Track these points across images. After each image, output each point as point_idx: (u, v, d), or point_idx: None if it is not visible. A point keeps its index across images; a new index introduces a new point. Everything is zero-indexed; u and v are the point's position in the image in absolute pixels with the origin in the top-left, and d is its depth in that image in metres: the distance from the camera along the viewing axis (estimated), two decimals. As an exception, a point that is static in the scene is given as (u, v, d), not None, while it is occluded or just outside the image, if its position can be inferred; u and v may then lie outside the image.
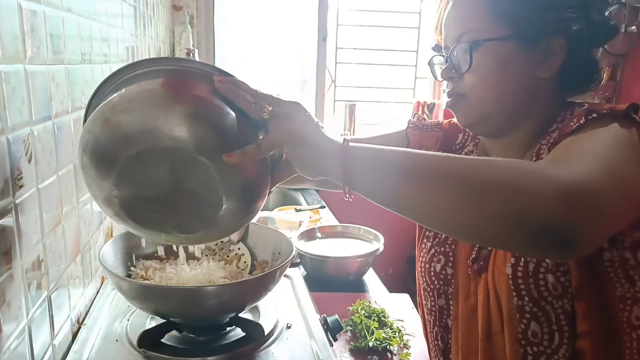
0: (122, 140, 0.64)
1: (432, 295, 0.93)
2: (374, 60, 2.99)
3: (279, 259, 1.03)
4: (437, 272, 0.91)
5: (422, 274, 0.95)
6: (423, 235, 0.98)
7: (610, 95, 2.09)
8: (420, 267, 0.97)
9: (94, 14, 1.10)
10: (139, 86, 0.68)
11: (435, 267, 0.92)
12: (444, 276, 0.90)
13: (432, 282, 0.92)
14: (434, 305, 0.93)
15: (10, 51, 0.68)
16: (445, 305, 0.91)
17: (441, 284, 0.91)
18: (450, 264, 0.90)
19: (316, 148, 0.64)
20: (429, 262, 0.93)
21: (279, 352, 0.88)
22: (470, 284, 0.86)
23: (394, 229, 2.97)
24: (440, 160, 0.61)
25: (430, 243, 0.94)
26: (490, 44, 0.78)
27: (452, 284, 0.89)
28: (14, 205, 0.68)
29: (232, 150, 0.64)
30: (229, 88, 0.67)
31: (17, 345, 0.69)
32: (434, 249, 0.93)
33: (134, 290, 0.85)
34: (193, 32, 2.53)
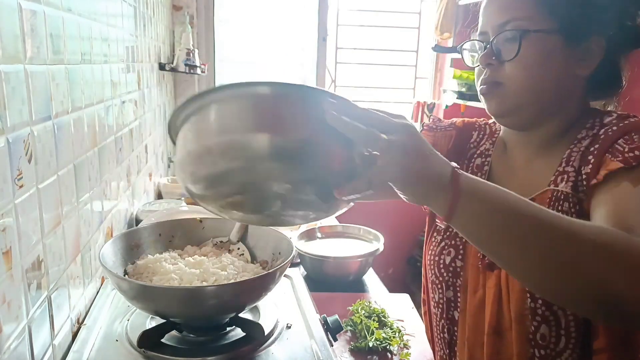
0: (232, 174, 0.64)
1: (441, 288, 0.93)
2: (374, 60, 2.99)
3: (279, 259, 1.03)
4: (447, 264, 0.91)
5: (431, 267, 0.95)
6: (433, 229, 0.97)
7: (610, 95, 2.09)
8: (429, 260, 0.96)
9: (94, 14, 1.10)
10: (241, 114, 0.64)
11: (445, 259, 0.92)
12: (453, 268, 0.90)
13: (441, 274, 0.92)
14: (442, 297, 0.93)
15: (10, 51, 0.68)
16: (453, 297, 0.91)
17: (450, 276, 0.91)
18: (460, 256, 0.90)
19: (426, 183, 0.62)
20: (439, 255, 0.93)
21: (279, 352, 0.88)
22: (480, 277, 0.86)
23: (394, 229, 2.98)
24: (544, 218, 0.60)
25: (441, 236, 0.94)
26: (537, 35, 0.77)
27: (461, 277, 0.89)
28: (14, 205, 0.68)
29: (340, 182, 0.64)
30: (341, 121, 0.63)
31: (17, 345, 0.69)
32: (445, 242, 0.93)
33: (134, 290, 0.85)
34: (193, 32, 2.53)
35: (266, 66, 2.88)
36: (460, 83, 2.68)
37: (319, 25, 2.84)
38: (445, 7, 2.67)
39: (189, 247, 1.09)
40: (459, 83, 2.68)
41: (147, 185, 1.84)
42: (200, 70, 2.40)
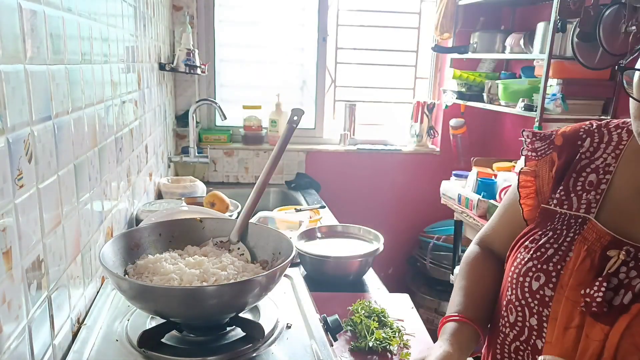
0: None
1: (521, 312, 0.83)
2: (374, 60, 2.99)
3: (279, 259, 1.03)
4: (533, 290, 0.81)
5: (512, 284, 0.85)
6: (521, 243, 0.87)
7: (610, 96, 2.09)
8: (510, 275, 0.86)
9: (94, 14, 1.10)
10: None
11: (531, 283, 0.81)
12: (541, 297, 0.80)
13: (525, 298, 0.82)
14: (522, 322, 0.84)
15: (10, 51, 0.68)
16: (537, 326, 0.81)
17: (536, 303, 0.81)
18: (551, 285, 0.79)
19: None
20: (523, 276, 0.83)
21: (279, 352, 0.88)
22: (576, 317, 0.76)
23: (394, 229, 2.98)
24: None
25: (529, 256, 0.83)
26: None
27: (549, 307, 0.79)
28: (14, 205, 0.68)
29: None
30: None
31: (17, 345, 0.69)
32: (532, 263, 0.82)
33: (134, 290, 0.85)
34: (193, 32, 2.53)
35: (266, 66, 2.88)
36: (460, 83, 2.68)
37: (319, 25, 2.84)
38: (445, 7, 2.67)
39: (189, 247, 1.09)
40: (459, 83, 2.68)
41: (147, 185, 1.84)
42: (200, 70, 2.40)
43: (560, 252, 0.79)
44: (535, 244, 0.83)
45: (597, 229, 0.77)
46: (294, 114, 1.12)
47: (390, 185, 3.00)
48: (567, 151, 0.87)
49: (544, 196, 0.87)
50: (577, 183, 0.83)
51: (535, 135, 0.92)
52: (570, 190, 0.83)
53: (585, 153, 0.85)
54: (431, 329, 1.24)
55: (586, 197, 0.81)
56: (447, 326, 0.89)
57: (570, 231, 0.80)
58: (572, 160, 0.85)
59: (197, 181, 2.13)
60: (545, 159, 0.89)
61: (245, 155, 2.81)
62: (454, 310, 0.91)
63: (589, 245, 0.77)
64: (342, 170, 2.93)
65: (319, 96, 2.94)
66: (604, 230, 0.76)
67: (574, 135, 0.88)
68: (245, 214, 1.10)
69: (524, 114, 2.14)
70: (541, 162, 0.90)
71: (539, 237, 0.84)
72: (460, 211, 2.18)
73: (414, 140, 3.01)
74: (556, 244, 0.80)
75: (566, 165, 0.86)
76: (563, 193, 0.84)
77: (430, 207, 2.89)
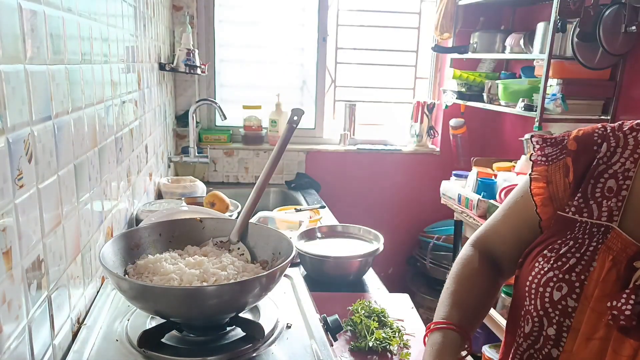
0: None
1: (539, 322, 0.81)
2: (374, 60, 2.99)
3: (279, 259, 1.03)
4: (554, 300, 0.79)
5: (530, 295, 0.83)
6: (538, 252, 0.84)
7: (610, 96, 2.09)
8: (528, 286, 0.84)
9: (94, 14, 1.10)
10: None
11: (552, 294, 0.79)
12: (563, 307, 0.78)
13: (544, 308, 0.80)
14: (538, 331, 0.82)
15: (10, 51, 0.68)
16: (555, 335, 0.79)
17: (557, 314, 0.79)
18: (574, 296, 0.77)
19: None
20: (543, 286, 0.80)
21: (279, 352, 0.88)
22: (600, 327, 0.74)
23: (394, 229, 2.98)
24: None
25: (549, 265, 0.81)
26: None
27: (572, 318, 0.77)
28: (14, 205, 0.68)
29: None
30: None
31: (17, 345, 0.69)
32: (553, 273, 0.80)
33: (134, 290, 0.85)
34: (193, 32, 2.53)
35: (266, 66, 2.88)
36: (460, 83, 2.68)
37: (319, 25, 2.84)
38: (445, 7, 2.67)
39: (189, 247, 1.09)
40: (459, 83, 2.68)
41: (147, 185, 1.84)
42: (200, 70, 2.40)
43: (583, 261, 0.77)
44: (555, 253, 0.81)
45: (622, 239, 0.75)
46: (294, 114, 1.12)
47: (390, 185, 3.00)
48: (584, 156, 0.83)
49: (560, 203, 0.84)
50: (596, 189, 0.80)
51: (545, 141, 0.89)
52: (589, 197, 0.80)
53: (603, 158, 0.82)
54: (431, 329, 1.24)
55: (607, 204, 0.79)
56: (434, 338, 0.87)
57: (593, 240, 0.78)
58: (589, 165, 0.82)
59: (197, 181, 2.13)
60: (558, 164, 0.86)
61: (245, 155, 2.81)
62: (442, 316, 0.90)
63: (615, 255, 0.75)
64: (342, 170, 2.93)
65: (319, 96, 2.94)
66: (629, 240, 0.74)
67: (588, 139, 0.84)
68: (245, 214, 1.10)
69: (524, 114, 2.14)
70: (553, 168, 0.87)
71: (558, 245, 0.81)
72: (460, 211, 2.18)
73: (414, 140, 3.01)
74: (578, 254, 0.78)
75: (584, 170, 0.83)
76: (582, 200, 0.81)
77: (430, 207, 2.89)
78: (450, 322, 0.88)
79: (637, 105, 1.98)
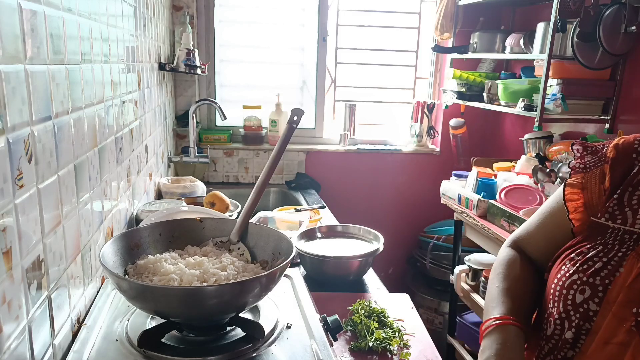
0: None
1: (560, 325, 0.81)
2: (374, 60, 2.99)
3: (279, 259, 1.03)
4: (576, 303, 0.79)
5: (554, 298, 0.83)
6: (566, 255, 0.85)
7: (610, 96, 2.09)
8: (552, 289, 0.84)
9: (94, 14, 1.10)
10: None
11: (574, 296, 0.79)
12: (584, 310, 0.78)
13: (567, 311, 0.80)
14: (559, 335, 0.82)
15: (10, 51, 0.68)
16: (573, 339, 0.80)
17: (577, 317, 0.79)
18: (596, 299, 0.77)
19: None
20: (567, 289, 0.81)
21: (279, 352, 0.88)
22: (620, 332, 0.74)
23: (394, 229, 2.98)
24: None
25: (574, 268, 0.81)
26: None
27: (592, 321, 0.77)
28: (14, 206, 0.68)
29: None
30: None
31: (17, 345, 0.69)
32: (577, 276, 0.80)
33: (134, 290, 0.85)
34: (193, 32, 2.53)
35: (266, 66, 2.88)
36: (460, 83, 2.68)
37: (319, 25, 2.84)
38: (445, 7, 2.67)
39: (189, 247, 1.09)
40: (459, 83, 2.68)
41: (147, 185, 1.84)
42: (200, 70, 2.40)
43: (610, 266, 0.77)
44: (582, 256, 0.81)
45: None
46: (294, 114, 1.12)
47: (390, 185, 3.00)
48: (622, 164, 0.83)
49: (594, 210, 0.84)
50: (633, 197, 0.80)
51: (586, 149, 0.89)
52: (625, 205, 0.80)
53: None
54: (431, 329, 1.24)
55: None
56: (500, 336, 0.83)
57: (623, 246, 0.78)
58: (627, 173, 0.82)
59: (197, 181, 2.13)
60: (594, 172, 0.86)
61: (245, 155, 2.81)
62: (502, 311, 0.87)
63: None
64: (342, 170, 2.93)
65: (319, 96, 2.94)
66: None
67: (628, 147, 0.84)
68: (245, 214, 1.10)
69: (524, 114, 2.14)
70: (589, 175, 0.87)
71: (587, 250, 0.81)
72: (460, 211, 2.18)
73: (414, 140, 3.01)
74: (605, 258, 0.78)
75: (621, 178, 0.82)
76: (617, 207, 0.81)
77: (430, 207, 2.89)
78: (511, 317, 0.85)
79: (637, 105, 1.98)
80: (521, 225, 1.02)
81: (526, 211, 1.80)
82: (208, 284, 0.90)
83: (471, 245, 2.34)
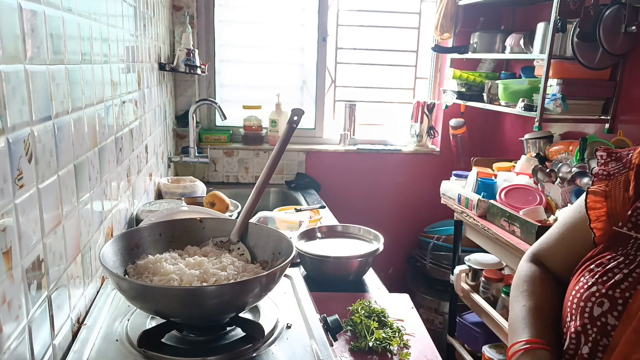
0: None
1: (575, 339, 0.78)
2: (374, 60, 2.99)
3: (279, 259, 1.03)
4: (594, 316, 0.76)
5: (571, 311, 0.80)
6: (586, 267, 0.82)
7: (610, 96, 2.09)
8: (570, 301, 0.81)
9: (94, 14, 1.10)
10: None
11: (592, 309, 0.76)
12: (602, 324, 0.75)
13: (583, 325, 0.77)
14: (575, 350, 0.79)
15: (10, 51, 0.68)
16: (589, 355, 0.76)
17: (595, 331, 0.76)
18: (615, 312, 0.74)
19: None
20: (585, 301, 0.78)
21: (279, 352, 0.88)
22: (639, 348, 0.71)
23: (394, 229, 2.98)
24: None
25: (593, 280, 0.78)
26: None
27: (610, 336, 0.74)
28: (14, 205, 0.68)
29: None
30: None
31: (17, 345, 0.69)
32: (596, 288, 0.77)
33: (134, 290, 0.85)
34: (193, 32, 2.53)
35: (266, 66, 2.88)
36: (460, 83, 2.68)
37: (319, 25, 2.84)
38: (445, 7, 2.67)
39: (189, 247, 1.09)
40: (459, 83, 2.68)
41: (147, 185, 1.84)
42: (200, 70, 2.40)
43: (631, 278, 0.74)
44: (602, 268, 0.78)
45: None
46: (294, 114, 1.12)
47: (390, 185, 3.00)
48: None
49: (617, 218, 0.81)
50: None
51: (610, 155, 0.87)
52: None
53: None
54: (431, 329, 1.24)
55: None
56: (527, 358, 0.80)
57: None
58: None
59: (197, 181, 2.13)
60: (619, 179, 0.83)
61: (245, 155, 2.81)
62: (532, 334, 0.83)
63: None
64: (342, 170, 2.93)
65: (319, 96, 2.94)
66: None
67: None
68: (245, 214, 1.10)
69: (524, 114, 2.14)
70: (613, 182, 0.84)
71: (607, 261, 0.79)
72: (460, 211, 2.18)
73: (414, 140, 3.01)
74: (626, 270, 0.75)
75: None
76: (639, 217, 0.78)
77: (430, 207, 2.89)
78: (541, 341, 0.82)
79: (637, 105, 1.98)
80: (540, 237, 0.99)
81: (526, 211, 1.80)
82: (208, 284, 0.90)
83: (471, 245, 2.33)
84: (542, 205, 1.85)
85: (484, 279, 2.15)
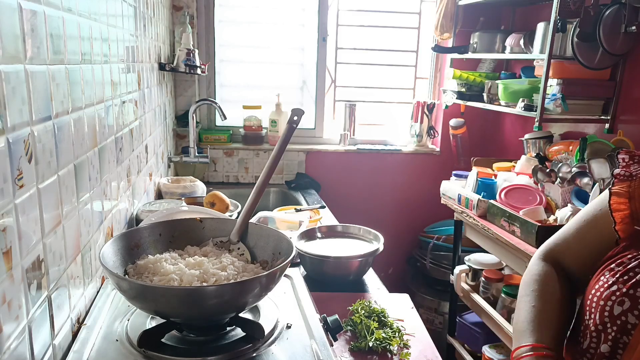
0: None
1: (596, 338, 0.79)
2: (374, 60, 2.99)
3: (279, 259, 1.03)
4: (614, 315, 0.76)
5: (591, 310, 0.80)
6: (606, 266, 0.82)
7: (610, 96, 2.09)
8: (589, 300, 0.81)
9: (94, 14, 1.10)
10: None
11: (612, 308, 0.76)
12: (622, 323, 0.75)
13: (603, 323, 0.77)
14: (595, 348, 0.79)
15: (10, 51, 0.68)
16: (609, 353, 0.76)
17: (615, 330, 0.76)
18: (636, 311, 0.74)
19: None
20: (605, 300, 0.78)
21: (279, 352, 0.88)
22: None
23: (394, 229, 2.98)
24: None
25: (614, 279, 0.78)
26: None
27: (630, 335, 0.74)
28: (14, 205, 0.68)
29: None
30: None
31: (17, 345, 0.69)
32: (616, 287, 0.77)
33: (134, 290, 0.85)
34: (193, 32, 2.53)
35: (266, 66, 2.88)
36: (460, 83, 2.68)
37: (319, 25, 2.84)
38: (445, 7, 2.67)
39: (189, 247, 1.09)
40: (459, 83, 2.68)
41: (147, 185, 1.84)
42: (200, 70, 2.40)
43: None
44: (622, 267, 0.78)
45: None
46: (294, 114, 1.12)
47: (390, 185, 3.00)
48: None
49: (638, 218, 0.81)
50: None
51: (633, 157, 0.87)
52: None
53: None
54: (431, 329, 1.24)
55: None
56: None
57: None
58: None
59: (197, 181, 2.13)
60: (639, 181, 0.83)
61: (245, 155, 2.81)
62: (537, 339, 0.83)
63: None
64: (342, 170, 2.93)
65: (319, 96, 2.94)
66: None
67: None
68: (245, 214, 1.10)
69: (524, 114, 2.14)
70: (636, 183, 0.84)
71: (628, 260, 0.79)
72: (460, 211, 2.18)
73: (414, 140, 3.01)
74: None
75: None
76: None
77: (430, 207, 2.89)
78: (546, 346, 0.82)
79: (637, 105, 1.98)
80: (553, 235, 0.97)
81: (526, 211, 1.80)
82: (208, 284, 0.90)
83: (471, 245, 2.33)
84: (542, 205, 1.85)
85: (484, 279, 2.15)
